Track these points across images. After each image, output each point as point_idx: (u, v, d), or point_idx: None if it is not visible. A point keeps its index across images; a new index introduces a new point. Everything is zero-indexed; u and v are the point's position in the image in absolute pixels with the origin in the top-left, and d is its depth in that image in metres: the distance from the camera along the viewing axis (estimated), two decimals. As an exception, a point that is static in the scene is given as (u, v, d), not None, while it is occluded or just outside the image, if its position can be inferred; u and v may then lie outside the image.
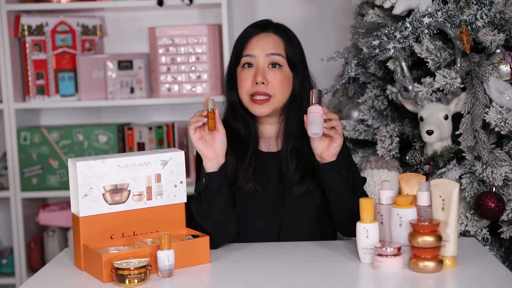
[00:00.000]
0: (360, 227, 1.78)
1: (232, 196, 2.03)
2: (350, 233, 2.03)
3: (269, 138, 2.14)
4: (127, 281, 1.67)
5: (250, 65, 2.05)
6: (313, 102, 1.88)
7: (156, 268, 1.76)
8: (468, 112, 2.30)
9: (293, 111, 2.08)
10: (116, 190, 1.83)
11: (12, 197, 3.25)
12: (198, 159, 2.05)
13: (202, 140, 1.92)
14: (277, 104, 2.05)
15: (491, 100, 2.28)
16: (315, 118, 1.86)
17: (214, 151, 1.93)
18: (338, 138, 1.91)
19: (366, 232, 1.77)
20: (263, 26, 2.08)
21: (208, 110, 1.89)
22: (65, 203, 3.41)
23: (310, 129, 1.87)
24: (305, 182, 2.04)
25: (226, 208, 1.98)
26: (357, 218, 1.79)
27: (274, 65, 2.04)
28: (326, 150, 1.94)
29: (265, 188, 2.07)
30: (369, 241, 1.77)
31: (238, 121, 2.10)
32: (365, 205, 1.77)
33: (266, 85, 2.02)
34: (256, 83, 2.02)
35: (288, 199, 2.06)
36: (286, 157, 2.07)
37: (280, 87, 2.04)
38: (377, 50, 2.43)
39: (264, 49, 2.04)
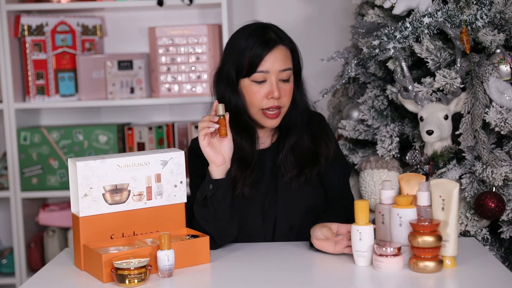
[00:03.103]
0: (354, 229, 1.77)
1: None
2: None
3: (262, 137, 2.14)
4: (127, 281, 1.67)
5: (263, 80, 2.03)
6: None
7: (156, 268, 1.76)
8: (468, 112, 2.30)
9: (290, 109, 2.08)
10: (116, 190, 1.83)
11: (12, 197, 3.25)
12: (191, 158, 2.06)
13: (211, 145, 1.91)
14: (284, 113, 2.07)
15: (491, 100, 2.28)
16: None
17: (222, 156, 1.92)
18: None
19: (360, 234, 1.76)
20: (274, 41, 2.03)
21: (219, 116, 1.89)
22: (65, 203, 3.41)
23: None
24: (303, 174, 2.07)
25: (230, 212, 1.98)
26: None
27: (285, 79, 2.04)
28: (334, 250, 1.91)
29: (259, 185, 2.07)
30: (362, 244, 1.76)
31: (239, 131, 2.05)
32: (359, 207, 1.77)
33: (278, 98, 2.02)
34: (272, 97, 2.01)
35: (281, 193, 2.07)
36: (285, 155, 2.08)
37: (289, 98, 2.05)
38: (377, 50, 2.42)
39: (277, 65, 2.01)
